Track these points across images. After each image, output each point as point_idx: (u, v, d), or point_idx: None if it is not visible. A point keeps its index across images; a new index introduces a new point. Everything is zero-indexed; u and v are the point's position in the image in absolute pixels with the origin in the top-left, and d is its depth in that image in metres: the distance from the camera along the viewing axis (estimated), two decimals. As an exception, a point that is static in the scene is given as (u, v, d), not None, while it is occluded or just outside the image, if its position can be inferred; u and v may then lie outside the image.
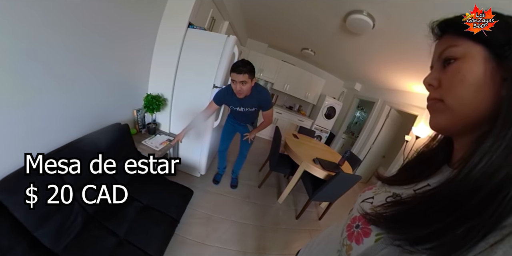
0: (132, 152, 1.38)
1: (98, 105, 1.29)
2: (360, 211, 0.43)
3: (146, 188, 1.31)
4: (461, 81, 0.31)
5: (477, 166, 0.27)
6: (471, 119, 0.32)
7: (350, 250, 0.39)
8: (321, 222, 2.31)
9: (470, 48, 0.31)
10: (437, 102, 0.35)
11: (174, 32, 1.59)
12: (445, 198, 0.30)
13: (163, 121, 1.87)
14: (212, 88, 1.70)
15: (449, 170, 0.38)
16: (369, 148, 3.93)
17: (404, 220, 0.33)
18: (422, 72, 2.33)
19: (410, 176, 0.45)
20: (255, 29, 3.51)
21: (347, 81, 4.73)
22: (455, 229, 0.26)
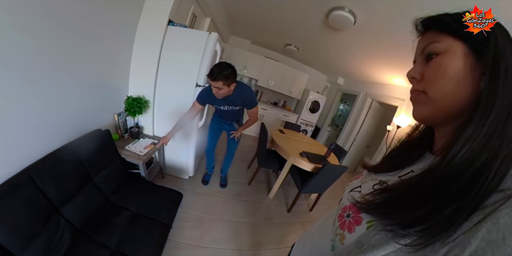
0: (116, 159, 1.31)
1: (77, 111, 1.20)
2: (351, 200, 0.44)
3: (134, 195, 1.25)
4: (442, 75, 0.33)
5: (460, 153, 0.29)
6: (451, 110, 0.34)
7: (344, 239, 0.41)
8: (312, 213, 2.38)
9: (452, 44, 0.33)
10: (420, 94, 0.37)
11: (153, 30, 1.52)
12: (431, 183, 0.32)
13: (146, 124, 1.79)
14: (195, 87, 1.65)
15: (432, 157, 0.40)
16: (353, 139, 4.08)
17: (394, 205, 0.34)
18: (402, 65, 2.46)
19: (395, 163, 0.47)
20: (238, 26, 3.46)
21: (330, 75, 4.84)
22: (442, 211, 0.28)
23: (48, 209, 0.85)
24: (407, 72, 0.40)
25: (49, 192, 0.89)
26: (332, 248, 0.45)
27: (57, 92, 1.04)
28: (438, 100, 0.35)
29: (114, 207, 1.12)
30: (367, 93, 3.84)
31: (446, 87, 0.33)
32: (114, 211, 0.98)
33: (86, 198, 1.02)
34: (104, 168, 1.15)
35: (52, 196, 0.90)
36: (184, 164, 1.98)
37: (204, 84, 1.66)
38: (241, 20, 3.10)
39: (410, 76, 0.39)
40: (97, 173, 1.14)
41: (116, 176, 1.25)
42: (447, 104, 0.34)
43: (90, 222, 1.02)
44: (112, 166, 1.22)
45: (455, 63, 0.33)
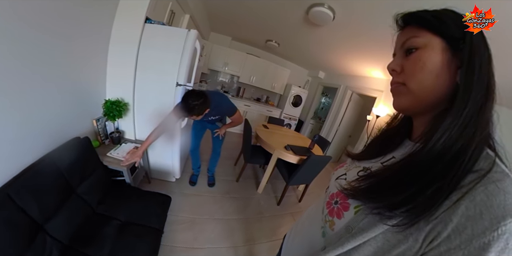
0: (98, 167, 1.24)
1: (53, 119, 1.11)
2: (338, 187, 0.46)
3: (120, 204, 1.21)
4: (421, 68, 0.36)
5: (440, 140, 0.33)
6: (429, 101, 0.37)
7: (333, 225, 0.43)
8: (302, 203, 2.46)
9: (430, 39, 0.36)
10: (400, 86, 0.40)
11: (130, 28, 1.43)
12: (413, 167, 0.35)
13: (127, 128, 1.71)
14: (176, 86, 1.60)
15: (411, 143, 0.44)
16: (336, 130, 4.24)
17: (379, 190, 0.37)
18: (380, 59, 2.58)
19: (377, 151, 0.50)
20: (218, 22, 3.38)
21: (311, 70, 4.93)
22: (424, 192, 0.31)
23: (31, 228, 0.79)
24: (388, 64, 0.42)
25: (30, 210, 0.83)
26: (323, 235, 0.47)
27: (30, 100, 0.95)
28: (417, 92, 0.37)
29: (102, 218, 1.07)
30: (347, 86, 4.00)
31: (425, 80, 0.36)
32: (102, 221, 0.93)
33: (70, 212, 0.97)
34: (86, 178, 1.09)
35: (35, 214, 0.84)
36: (169, 166, 1.93)
37: (184, 83, 1.61)
38: (221, 17, 3.04)
39: (390, 69, 0.41)
40: (79, 184, 1.08)
41: (100, 186, 1.20)
42: (425, 96, 0.37)
43: (78, 236, 0.97)
44: (95, 175, 1.16)
45: (433, 58, 0.35)
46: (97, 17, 1.27)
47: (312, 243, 0.50)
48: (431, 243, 0.29)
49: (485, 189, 0.28)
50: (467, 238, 0.27)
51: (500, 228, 0.25)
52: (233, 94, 4.46)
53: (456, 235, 0.27)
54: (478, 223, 0.27)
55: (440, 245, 0.28)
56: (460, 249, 0.27)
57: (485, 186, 0.28)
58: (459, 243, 0.27)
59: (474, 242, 0.26)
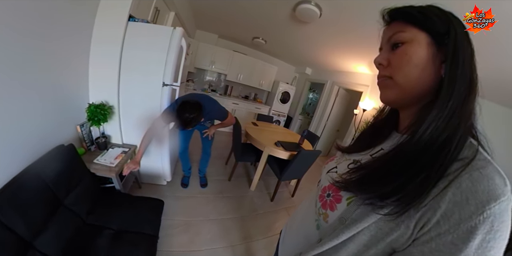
0: (85, 176, 1.18)
1: (34, 127, 1.04)
2: (330, 180, 0.47)
3: (112, 212, 1.17)
4: (408, 62, 0.37)
5: (426, 131, 0.34)
6: (415, 93, 0.38)
7: (327, 217, 0.44)
8: (295, 198, 2.51)
9: (416, 34, 0.37)
10: (386, 79, 0.41)
11: (112, 27, 1.36)
12: (402, 158, 0.36)
13: (113, 132, 1.64)
14: (162, 86, 1.55)
15: (398, 135, 0.45)
16: (324, 125, 4.33)
17: (370, 181, 0.38)
18: (366, 55, 2.64)
19: (365, 143, 0.52)
20: (204, 20, 3.31)
21: (298, 66, 4.97)
22: (413, 181, 0.32)
23: (19, 246, 0.74)
24: (375, 58, 0.43)
25: (16, 227, 0.78)
26: (317, 227, 0.48)
27: (10, 108, 0.88)
28: (404, 85, 0.38)
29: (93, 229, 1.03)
30: (334, 81, 4.07)
31: (411, 73, 0.37)
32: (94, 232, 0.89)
33: (60, 225, 0.92)
34: (73, 188, 1.03)
35: (21, 231, 0.79)
36: (160, 169, 1.89)
37: (171, 82, 1.57)
38: (207, 14, 2.97)
39: (377, 63, 0.42)
40: (66, 195, 1.02)
41: (89, 195, 1.14)
42: (411, 88, 0.38)
43: (70, 250, 0.93)
44: (82, 184, 1.11)
45: (419, 52, 0.36)
46: (76, 15, 1.18)
47: (307, 236, 0.51)
48: (422, 229, 0.31)
49: (470, 176, 0.29)
50: (455, 223, 0.28)
51: (485, 212, 0.27)
52: (220, 93, 4.40)
53: (445, 220, 0.29)
54: (465, 208, 0.28)
55: (431, 231, 0.30)
56: (449, 233, 0.28)
57: (469, 173, 0.30)
58: (448, 227, 0.29)
59: (462, 226, 0.28)
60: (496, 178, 0.29)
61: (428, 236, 0.30)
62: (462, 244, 0.27)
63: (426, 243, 0.30)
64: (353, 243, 0.38)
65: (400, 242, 0.33)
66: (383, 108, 0.54)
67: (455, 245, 0.28)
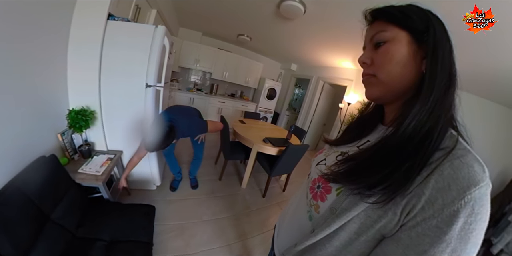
0: (71, 187, 1.12)
1: (13, 139, 0.96)
2: (319, 173, 0.49)
3: (102, 222, 1.13)
4: (390, 60, 0.39)
5: (410, 125, 0.36)
6: (399, 89, 0.41)
7: (318, 208, 0.46)
8: (286, 193, 2.57)
9: (397, 33, 0.39)
10: (371, 77, 0.43)
11: (91, 26, 1.28)
12: (387, 149, 0.38)
13: (97, 139, 1.56)
14: (145, 88, 1.49)
15: (384, 128, 0.48)
16: (311, 120, 4.42)
17: (357, 172, 0.40)
18: (349, 50, 2.71)
19: (352, 136, 0.54)
20: (187, 17, 3.19)
21: (284, 63, 5.00)
22: (399, 170, 0.34)
23: None
24: (359, 58, 0.44)
25: (2, 248, 0.73)
26: (309, 219, 0.50)
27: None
28: (387, 82, 0.40)
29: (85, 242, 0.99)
30: (319, 77, 4.15)
31: (394, 71, 0.39)
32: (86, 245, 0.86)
33: (49, 242, 0.87)
34: (59, 201, 0.98)
35: (8, 251, 0.74)
36: (148, 174, 1.83)
37: (155, 83, 1.51)
38: (190, 11, 2.88)
39: (361, 62, 0.44)
40: (53, 209, 0.97)
41: (76, 207, 1.09)
42: (395, 85, 0.40)
43: None
44: (69, 197, 1.05)
45: (400, 50, 0.38)
46: (51, 14, 1.10)
47: (301, 227, 0.53)
48: (408, 215, 0.33)
49: (451, 164, 0.32)
50: (439, 208, 0.30)
51: (466, 197, 0.29)
52: (206, 92, 4.33)
53: (429, 205, 0.31)
54: (447, 194, 0.30)
55: (416, 216, 0.32)
56: (434, 218, 0.31)
57: (451, 161, 0.32)
58: (433, 212, 0.31)
59: (445, 211, 0.30)
60: (475, 165, 0.31)
61: (414, 221, 0.32)
62: (446, 227, 0.30)
63: (412, 227, 0.32)
64: (345, 232, 0.40)
65: (388, 228, 0.35)
66: (369, 103, 0.56)
67: (439, 229, 0.30)
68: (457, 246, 0.30)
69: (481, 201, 0.30)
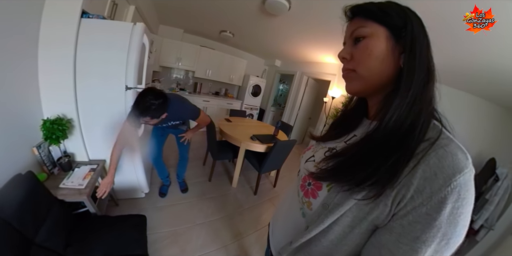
0: (53, 205, 1.03)
1: None
2: (306, 173, 0.50)
3: (92, 239, 1.06)
4: (369, 55, 0.40)
5: (392, 119, 0.38)
6: (378, 83, 0.42)
7: (311, 205, 0.47)
8: (277, 188, 2.62)
9: (376, 29, 0.40)
10: (350, 72, 0.44)
11: (63, 24, 1.16)
12: (373, 143, 0.40)
13: (77, 149, 1.45)
14: (125, 90, 1.40)
15: (368, 121, 0.49)
16: (296, 114, 4.50)
17: (345, 169, 0.41)
18: (332, 46, 2.74)
19: (339, 131, 0.56)
20: (168, 14, 3.03)
21: (268, 59, 4.97)
22: (385, 164, 0.35)
23: None
24: (338, 53, 0.45)
25: None
26: (303, 216, 0.51)
27: None
28: (367, 76, 0.41)
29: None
30: (303, 72, 4.20)
31: (373, 65, 0.40)
32: None
33: None
34: (42, 222, 0.90)
35: None
36: (135, 182, 1.76)
37: (134, 85, 1.43)
38: (171, 7, 2.73)
39: (341, 57, 0.45)
40: (36, 231, 0.89)
41: (62, 226, 1.02)
42: (374, 79, 0.41)
43: None
44: (52, 216, 0.98)
45: (379, 45, 0.39)
46: (16, 12, 0.97)
47: (295, 225, 0.54)
48: (398, 205, 0.34)
49: (436, 153, 0.33)
50: (427, 196, 0.32)
51: (452, 183, 0.31)
52: (190, 91, 4.19)
53: (418, 194, 0.33)
54: (434, 182, 0.32)
55: (407, 205, 0.34)
56: (423, 205, 0.32)
57: (435, 151, 0.33)
58: (422, 200, 0.32)
59: (434, 198, 0.31)
60: (459, 153, 0.33)
61: (405, 210, 0.34)
62: (435, 214, 0.31)
63: (404, 216, 0.34)
64: (338, 226, 0.41)
65: (381, 219, 0.37)
66: (352, 97, 0.57)
67: (429, 215, 0.32)
68: (447, 230, 0.32)
69: (466, 186, 0.32)
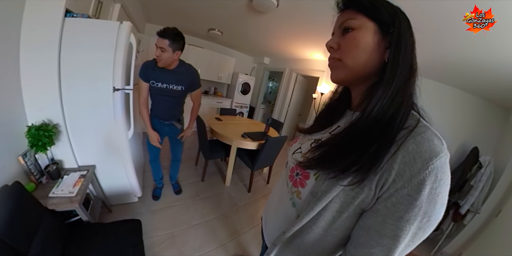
0: (44, 216, 0.98)
1: None
2: (294, 162, 0.53)
3: (87, 248, 1.03)
4: (355, 46, 0.42)
5: (374, 109, 0.40)
6: (361, 74, 0.45)
7: (300, 194, 0.50)
8: (270, 185, 2.66)
9: (365, 22, 0.42)
10: (336, 61, 0.46)
11: (45, 25, 1.09)
12: (356, 132, 0.42)
13: (65, 155, 1.39)
14: (113, 92, 1.35)
15: (351, 112, 0.52)
16: (286, 111, 4.55)
17: (331, 157, 0.44)
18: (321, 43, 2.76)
19: (323, 123, 0.59)
20: (155, 12, 2.93)
21: (256, 56, 4.95)
22: (368, 151, 0.38)
23: None
24: (327, 42, 0.47)
25: None
26: (293, 205, 0.54)
27: None
28: (351, 66, 0.43)
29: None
30: (292, 69, 4.22)
31: (358, 56, 0.42)
32: None
33: None
34: (34, 234, 0.86)
35: None
36: (127, 186, 1.71)
37: (122, 86, 1.39)
38: (158, 5, 2.64)
39: (328, 46, 0.47)
40: (29, 244, 0.85)
41: (55, 237, 0.98)
42: (358, 69, 0.43)
43: None
44: (44, 227, 0.93)
45: (366, 38, 0.41)
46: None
47: (286, 215, 0.56)
48: (382, 188, 0.37)
49: (414, 140, 0.36)
50: (407, 179, 0.35)
51: (430, 166, 0.34)
52: (178, 90, 4.09)
53: (399, 178, 0.35)
54: (413, 166, 0.34)
55: (389, 188, 0.36)
56: (405, 187, 0.35)
57: (414, 138, 0.36)
58: (403, 183, 0.35)
59: (413, 180, 0.34)
60: (435, 139, 0.36)
61: (388, 193, 0.37)
62: (416, 194, 0.34)
63: (387, 199, 0.37)
64: (328, 212, 0.44)
65: (366, 202, 0.40)
66: (336, 89, 0.60)
67: (410, 196, 0.35)
68: (427, 209, 0.35)
69: (442, 168, 0.34)
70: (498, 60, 1.48)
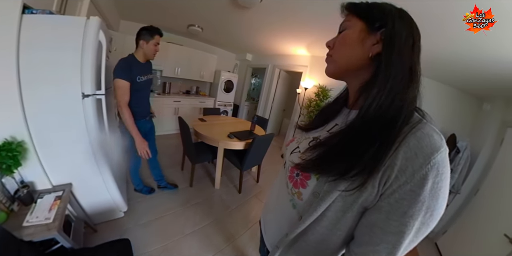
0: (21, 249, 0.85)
1: None
2: (291, 165, 0.52)
3: None
4: (343, 43, 0.46)
5: (371, 106, 0.40)
6: (347, 66, 0.47)
7: (301, 195, 0.49)
8: (260, 183, 2.65)
9: (355, 22, 0.45)
10: (329, 57, 0.50)
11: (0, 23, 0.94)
12: (353, 132, 0.42)
13: (36, 176, 1.22)
14: (82, 98, 1.20)
15: (347, 110, 0.53)
16: (270, 107, 4.54)
17: (328, 160, 0.43)
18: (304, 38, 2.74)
19: (322, 120, 0.59)
20: (129, 7, 2.69)
21: (239, 53, 4.84)
22: (369, 150, 0.37)
23: None
24: (326, 42, 0.51)
25: None
26: (293, 207, 0.53)
27: None
28: (338, 60, 0.47)
29: None
30: (275, 65, 4.20)
31: (343, 51, 0.46)
32: None
33: None
34: None
35: None
36: (110, 202, 1.57)
37: (92, 92, 1.24)
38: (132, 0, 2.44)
39: (327, 45, 0.51)
40: None
41: None
42: (342, 62, 0.47)
43: None
44: None
45: (351, 34, 0.45)
46: None
47: (287, 217, 0.55)
48: (385, 185, 0.37)
49: (415, 136, 0.36)
50: (410, 174, 0.35)
51: (431, 161, 0.34)
52: (159, 92, 3.85)
53: (402, 173, 0.36)
54: (415, 162, 0.35)
55: (392, 184, 0.36)
56: (407, 183, 0.35)
57: (414, 133, 0.36)
58: (405, 179, 0.35)
59: (416, 175, 0.35)
60: (434, 134, 0.36)
61: (391, 189, 0.37)
62: (419, 189, 0.35)
63: (390, 195, 0.37)
64: (331, 212, 0.43)
65: (369, 200, 0.39)
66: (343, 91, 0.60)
67: (413, 191, 0.35)
68: (430, 203, 0.35)
69: (443, 163, 0.35)
70: (473, 54, 1.56)
